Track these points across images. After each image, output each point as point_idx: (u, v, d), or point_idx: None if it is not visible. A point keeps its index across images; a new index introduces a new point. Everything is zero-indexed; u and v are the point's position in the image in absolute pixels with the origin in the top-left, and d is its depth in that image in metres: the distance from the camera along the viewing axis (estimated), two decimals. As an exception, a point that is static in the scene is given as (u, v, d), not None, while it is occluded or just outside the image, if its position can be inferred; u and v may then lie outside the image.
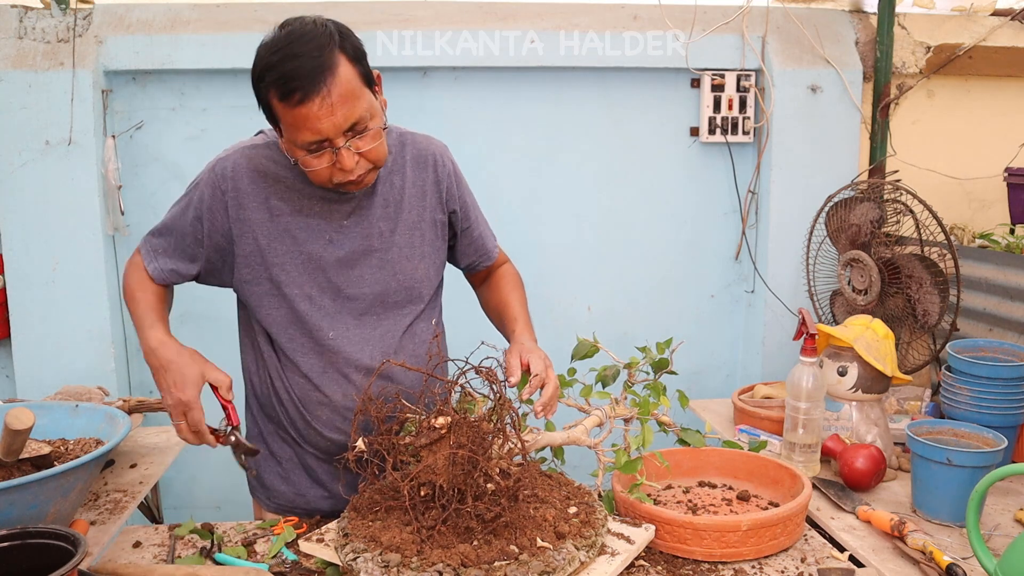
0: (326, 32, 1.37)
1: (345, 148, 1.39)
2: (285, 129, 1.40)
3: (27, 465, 1.41)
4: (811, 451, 1.84)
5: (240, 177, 1.52)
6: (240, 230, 1.53)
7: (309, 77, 1.33)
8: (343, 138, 1.38)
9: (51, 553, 1.16)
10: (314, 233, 1.53)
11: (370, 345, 1.57)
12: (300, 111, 1.34)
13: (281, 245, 1.53)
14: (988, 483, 1.29)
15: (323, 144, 1.38)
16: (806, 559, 1.44)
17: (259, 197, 1.52)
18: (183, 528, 1.55)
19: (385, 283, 1.57)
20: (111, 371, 2.64)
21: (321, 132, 1.36)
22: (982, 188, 2.92)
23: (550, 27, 2.72)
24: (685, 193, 2.94)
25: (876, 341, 1.92)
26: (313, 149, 1.39)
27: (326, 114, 1.35)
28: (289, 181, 1.53)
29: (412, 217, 1.60)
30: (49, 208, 2.59)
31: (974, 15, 2.90)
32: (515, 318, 1.68)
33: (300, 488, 1.67)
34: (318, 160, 1.40)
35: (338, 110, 1.35)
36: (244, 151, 1.55)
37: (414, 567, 1.20)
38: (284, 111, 1.36)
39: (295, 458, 1.66)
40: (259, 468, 1.69)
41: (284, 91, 1.34)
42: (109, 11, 2.64)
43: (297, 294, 1.54)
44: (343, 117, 1.36)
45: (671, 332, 3.06)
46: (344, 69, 1.36)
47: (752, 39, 2.79)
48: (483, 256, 1.76)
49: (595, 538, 1.31)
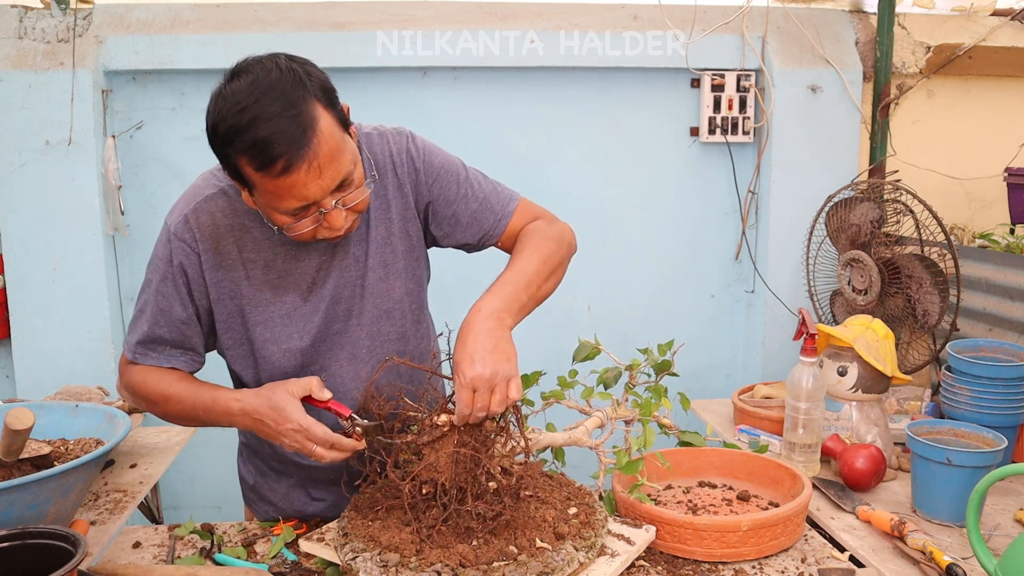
0: (295, 78, 1.20)
1: (334, 208, 1.26)
2: (262, 195, 1.25)
3: (27, 465, 1.41)
4: (811, 451, 1.84)
5: (205, 238, 1.37)
6: (217, 293, 1.40)
7: (291, 143, 1.17)
8: (331, 198, 1.25)
9: (51, 553, 1.16)
10: (293, 280, 1.40)
11: (363, 382, 1.45)
12: (284, 181, 1.19)
13: (259, 302, 1.40)
14: (988, 483, 1.29)
15: (309, 208, 1.25)
16: (806, 559, 1.44)
17: (230, 256, 1.38)
18: (183, 528, 1.55)
19: (368, 313, 1.45)
20: (111, 371, 2.64)
21: (308, 198, 1.23)
22: (982, 188, 2.92)
23: (550, 27, 2.72)
24: (685, 193, 2.94)
25: (876, 341, 1.92)
26: (298, 214, 1.26)
27: (313, 179, 1.21)
28: (256, 230, 1.38)
29: (380, 234, 1.44)
30: (49, 208, 2.59)
31: (974, 15, 2.90)
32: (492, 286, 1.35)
33: (299, 505, 1.62)
34: (303, 223, 1.27)
35: (326, 172, 1.21)
36: (200, 207, 1.37)
37: (413, 567, 1.20)
38: (263, 180, 1.21)
39: (298, 484, 1.61)
40: (257, 483, 1.65)
41: (263, 161, 1.17)
42: (109, 11, 2.65)
43: (284, 350, 1.42)
44: (331, 179, 1.23)
45: (671, 332, 3.06)
46: (324, 123, 1.21)
47: (752, 39, 2.79)
48: (490, 229, 1.50)
49: (594, 539, 1.31)
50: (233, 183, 1.32)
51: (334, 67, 2.66)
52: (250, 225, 1.38)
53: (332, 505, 1.60)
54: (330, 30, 2.62)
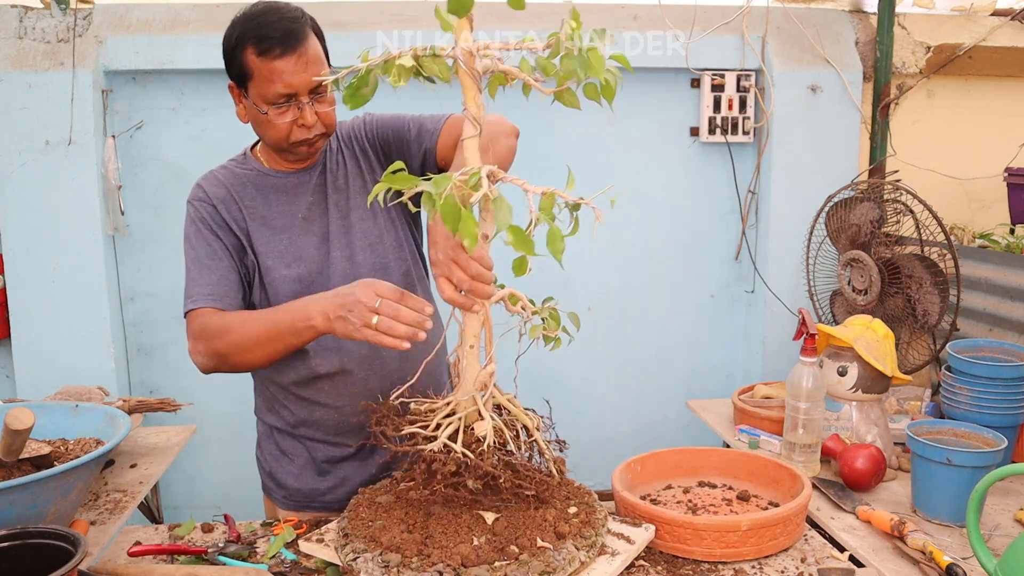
0: (298, 10, 1.55)
1: (308, 105, 1.53)
2: (256, 84, 1.52)
3: (27, 465, 1.41)
4: (811, 451, 1.84)
5: (215, 193, 1.63)
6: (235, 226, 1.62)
7: (288, 36, 1.49)
8: (307, 96, 1.52)
9: (51, 553, 1.16)
10: (288, 219, 1.63)
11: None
12: (276, 64, 1.49)
13: (262, 238, 1.62)
14: (988, 483, 1.29)
15: (289, 99, 1.52)
16: (806, 559, 1.44)
17: (235, 206, 1.62)
18: (183, 528, 1.55)
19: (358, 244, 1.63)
20: (111, 371, 2.65)
21: (292, 86, 1.50)
22: (982, 188, 2.92)
23: (550, 27, 2.72)
24: (685, 193, 2.94)
25: (876, 341, 1.92)
26: (280, 103, 1.52)
27: (300, 70, 1.50)
28: (251, 186, 1.64)
29: (360, 202, 1.66)
30: (49, 208, 2.59)
31: (974, 15, 2.90)
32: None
33: (312, 483, 1.70)
34: (282, 115, 1.53)
35: (309, 69, 1.51)
36: (207, 177, 1.66)
37: (414, 567, 1.20)
38: (260, 64, 1.50)
39: (305, 453, 1.70)
40: (273, 469, 1.73)
41: (264, 47, 1.49)
42: (109, 11, 2.65)
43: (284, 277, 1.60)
44: (312, 75, 1.51)
45: (671, 332, 3.08)
46: (313, 41, 1.54)
47: (752, 39, 2.79)
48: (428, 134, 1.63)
49: (595, 538, 1.31)
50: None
51: (334, 67, 2.67)
52: (247, 182, 1.64)
53: (341, 482, 1.68)
54: (330, 30, 2.58)
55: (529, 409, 1.40)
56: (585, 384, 3.01)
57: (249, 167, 1.66)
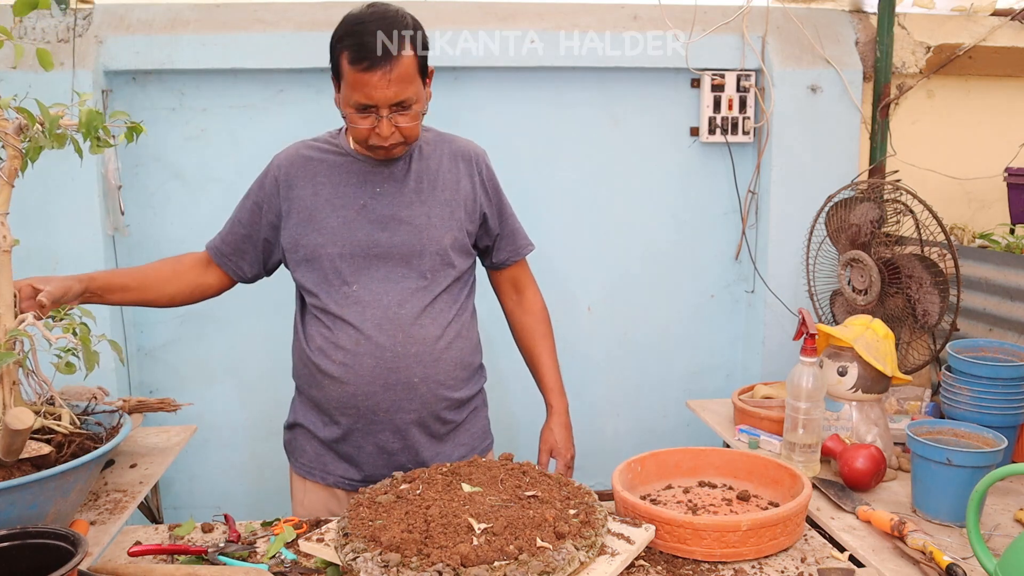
0: (404, 21, 1.64)
1: (386, 118, 1.64)
2: (344, 86, 1.65)
3: (27, 465, 1.41)
4: (811, 451, 1.84)
5: (288, 166, 1.81)
6: (288, 207, 1.79)
7: (381, 51, 1.59)
8: (388, 110, 1.63)
9: (51, 553, 1.16)
10: (350, 200, 1.76)
11: (387, 296, 1.74)
12: (362, 76, 1.60)
13: (320, 215, 1.76)
14: (988, 483, 1.29)
15: (370, 109, 1.64)
16: (806, 559, 1.44)
17: (303, 179, 1.79)
18: (183, 528, 1.55)
19: (411, 245, 1.76)
20: (111, 371, 2.64)
21: (372, 99, 1.62)
22: (982, 188, 2.92)
23: (550, 27, 2.72)
24: (685, 193, 2.94)
25: (876, 341, 1.92)
26: (361, 110, 1.64)
27: (383, 87, 1.60)
28: (327, 163, 1.79)
29: (445, 196, 1.80)
30: (49, 208, 2.59)
31: (974, 15, 2.90)
32: (550, 389, 1.98)
33: (326, 461, 1.84)
34: (362, 120, 1.66)
35: (392, 87, 1.61)
36: (291, 149, 1.84)
37: (414, 567, 1.20)
38: (349, 71, 1.62)
39: (329, 435, 1.82)
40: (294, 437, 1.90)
41: (355, 56, 1.60)
42: (109, 11, 2.64)
43: (330, 254, 1.75)
44: (394, 93, 1.61)
45: (671, 332, 3.08)
46: (408, 56, 1.62)
47: (752, 39, 2.79)
48: (516, 250, 1.96)
49: (595, 538, 1.31)
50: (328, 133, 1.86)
51: (334, 67, 2.67)
52: (323, 158, 1.80)
53: (347, 432, 1.79)
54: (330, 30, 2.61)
55: None
56: (584, 384, 3.00)
57: (336, 145, 1.81)
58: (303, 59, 2.62)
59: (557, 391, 1.98)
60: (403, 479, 1.54)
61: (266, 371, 2.86)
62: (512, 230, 1.95)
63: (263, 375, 2.86)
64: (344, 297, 1.74)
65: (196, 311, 2.79)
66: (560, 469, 1.92)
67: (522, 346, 2.04)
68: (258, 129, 2.73)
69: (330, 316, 1.75)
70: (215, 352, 2.85)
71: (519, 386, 2.49)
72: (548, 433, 1.96)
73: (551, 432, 1.95)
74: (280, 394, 1.91)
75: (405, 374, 1.73)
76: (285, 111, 2.73)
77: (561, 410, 1.98)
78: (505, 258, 1.95)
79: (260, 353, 2.86)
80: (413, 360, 1.73)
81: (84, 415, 1.60)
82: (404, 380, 1.73)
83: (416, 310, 1.74)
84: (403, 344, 1.72)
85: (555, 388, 1.99)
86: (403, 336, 1.72)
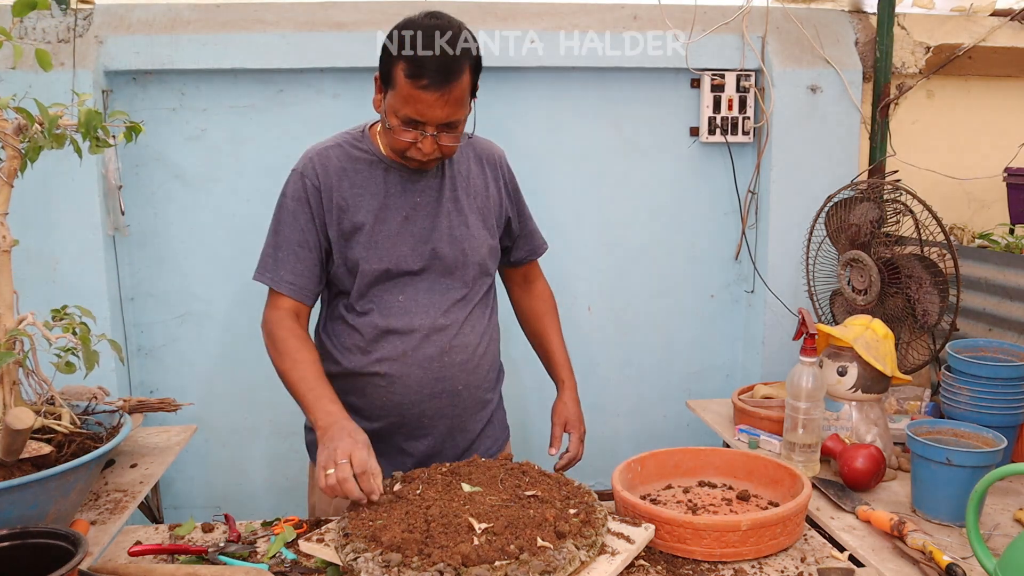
0: (465, 40, 1.59)
1: (431, 136, 1.61)
2: (395, 96, 1.59)
3: (27, 465, 1.41)
4: (811, 451, 1.84)
5: (325, 174, 1.72)
6: (331, 219, 1.72)
7: (441, 71, 1.54)
8: (435, 128, 1.60)
9: (51, 553, 1.16)
10: (392, 212, 1.73)
11: (433, 307, 1.74)
12: (418, 93, 1.55)
13: (361, 226, 1.71)
14: (988, 483, 1.29)
15: (417, 124, 1.60)
16: (806, 559, 1.44)
17: (341, 189, 1.72)
18: (183, 528, 1.55)
19: (454, 257, 1.75)
20: (111, 371, 2.64)
21: (424, 117, 1.58)
22: (982, 188, 2.92)
23: (550, 27, 2.72)
24: (685, 193, 2.94)
25: (876, 341, 1.92)
26: (408, 123, 1.60)
27: (438, 107, 1.57)
28: (365, 172, 1.73)
29: (478, 203, 1.81)
30: (49, 208, 2.59)
31: (974, 15, 2.90)
32: (561, 366, 2.00)
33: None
34: (407, 133, 1.61)
35: (446, 108, 1.58)
36: (322, 152, 1.75)
37: (415, 567, 1.20)
38: (405, 84, 1.56)
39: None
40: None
41: (414, 71, 1.54)
42: (109, 11, 2.64)
43: (375, 268, 1.71)
44: (446, 115, 1.59)
45: (671, 332, 3.08)
46: (465, 79, 1.58)
47: (752, 39, 2.79)
48: (533, 250, 2.00)
49: (595, 538, 1.31)
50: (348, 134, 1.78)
51: (334, 67, 2.67)
52: (360, 167, 1.73)
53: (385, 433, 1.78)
54: (330, 30, 2.62)
55: None
56: (584, 384, 2.99)
57: (365, 148, 1.75)
58: (303, 59, 2.62)
59: (567, 368, 2.02)
60: (402, 479, 1.54)
61: (266, 371, 2.84)
62: (530, 230, 1.98)
63: (263, 375, 2.85)
64: (388, 307, 1.73)
65: (196, 311, 2.79)
66: (573, 442, 1.92)
67: (529, 330, 2.06)
68: (258, 129, 2.73)
69: (374, 326, 1.73)
70: (215, 352, 2.84)
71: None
72: (562, 407, 1.97)
73: (565, 406, 1.97)
74: (280, 394, 1.90)
75: (451, 383, 1.76)
76: (285, 111, 2.73)
77: (572, 386, 2.00)
78: (522, 257, 1.99)
79: (260, 353, 2.84)
80: (458, 369, 1.76)
81: (84, 415, 1.60)
82: (449, 388, 1.76)
83: (460, 319, 1.76)
84: (449, 354, 1.75)
85: (565, 365, 2.02)
86: (449, 346, 1.75)
